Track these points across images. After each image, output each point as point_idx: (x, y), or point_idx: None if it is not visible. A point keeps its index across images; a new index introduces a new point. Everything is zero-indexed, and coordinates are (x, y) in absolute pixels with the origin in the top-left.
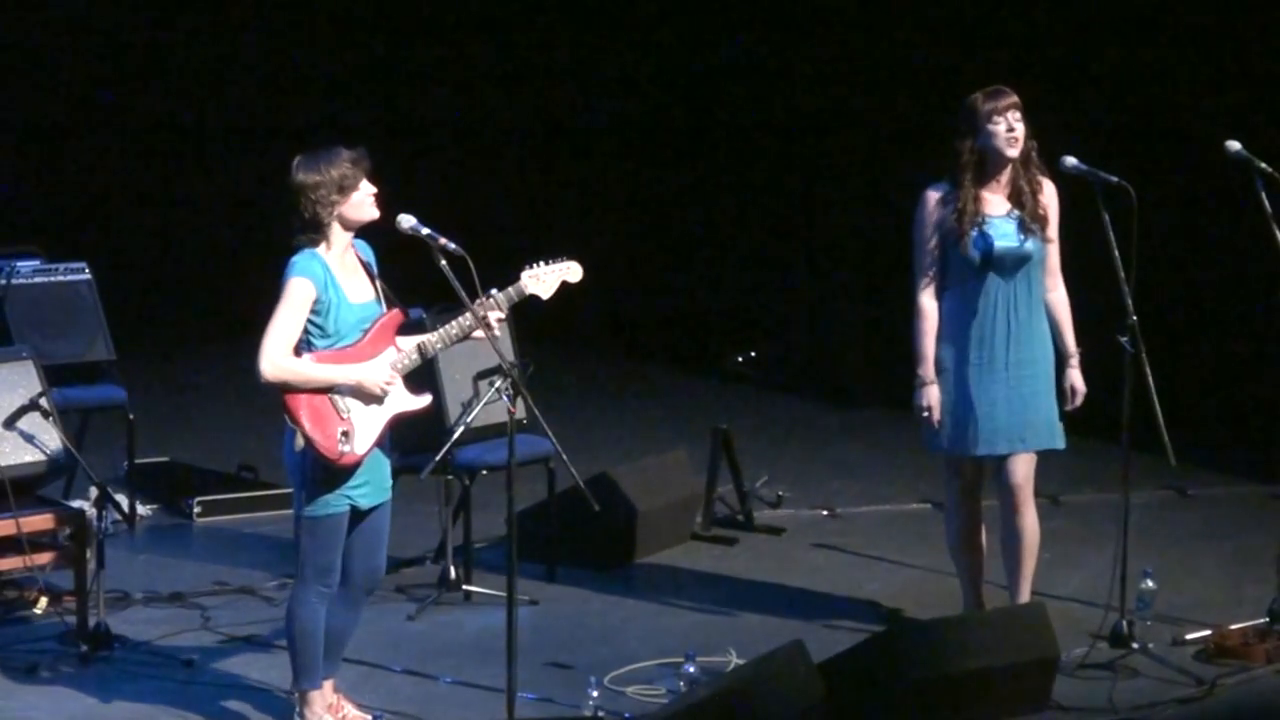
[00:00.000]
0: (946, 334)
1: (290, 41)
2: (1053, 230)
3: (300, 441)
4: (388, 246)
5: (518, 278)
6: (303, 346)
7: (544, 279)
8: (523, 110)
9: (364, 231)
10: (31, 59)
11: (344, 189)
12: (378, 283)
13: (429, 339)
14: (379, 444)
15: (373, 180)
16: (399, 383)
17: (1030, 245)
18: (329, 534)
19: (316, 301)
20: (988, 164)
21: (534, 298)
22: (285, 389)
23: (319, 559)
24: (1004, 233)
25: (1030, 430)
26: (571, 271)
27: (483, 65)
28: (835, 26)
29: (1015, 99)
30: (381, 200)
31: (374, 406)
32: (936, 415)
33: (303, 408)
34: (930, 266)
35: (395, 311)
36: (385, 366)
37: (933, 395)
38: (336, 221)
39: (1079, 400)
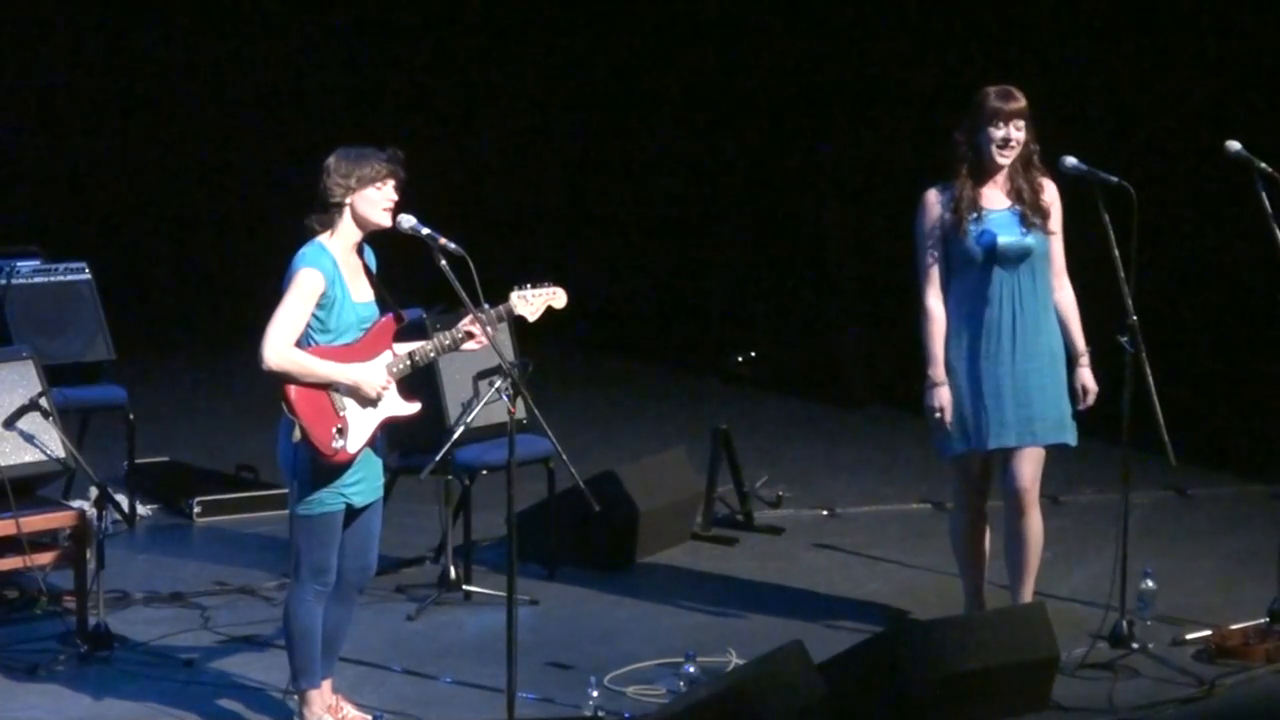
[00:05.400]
0: (952, 330)
1: (293, 45)
2: (1055, 224)
3: (298, 433)
4: (388, 247)
5: (506, 298)
6: (303, 340)
7: (531, 301)
8: (522, 107)
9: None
10: (32, 57)
11: (363, 179)
12: (377, 286)
13: (423, 347)
14: (370, 444)
15: (399, 189)
16: (393, 387)
17: (1032, 239)
18: (324, 533)
19: (323, 295)
20: (981, 162)
21: (520, 318)
22: (286, 380)
23: (315, 558)
24: (1005, 226)
25: (1040, 424)
26: (557, 297)
27: (484, 63)
28: (839, 24)
29: (1022, 105)
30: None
31: (369, 408)
32: (949, 416)
33: (302, 400)
34: (934, 266)
35: (392, 317)
36: (382, 369)
37: (944, 396)
38: (349, 211)
39: (1091, 399)
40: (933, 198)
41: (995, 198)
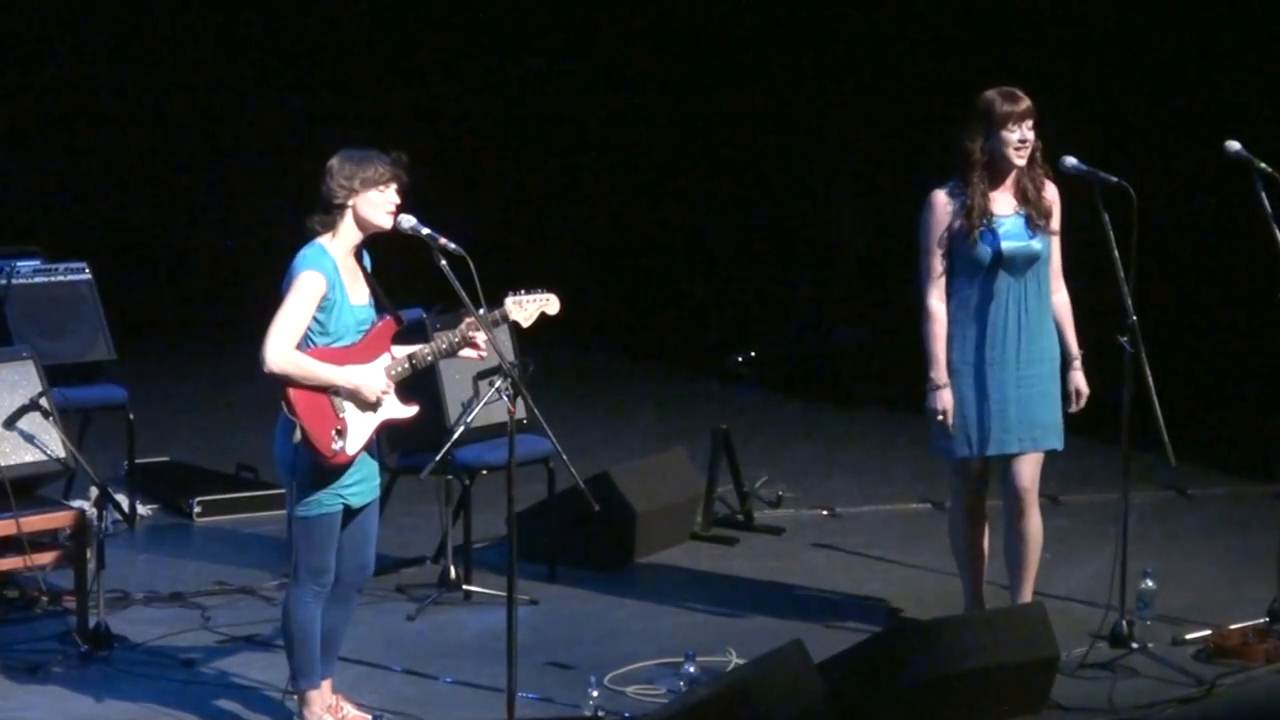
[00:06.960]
0: (956, 334)
1: (292, 43)
2: (1055, 225)
3: (298, 435)
4: (387, 247)
5: (501, 303)
6: (303, 343)
7: (526, 306)
8: (521, 107)
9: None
10: (32, 56)
11: (366, 182)
12: (375, 289)
13: (421, 351)
14: (368, 447)
15: (401, 193)
16: (392, 390)
17: (1038, 243)
18: (323, 534)
19: (323, 298)
20: (995, 166)
21: (514, 323)
22: (287, 382)
23: (313, 559)
24: (1013, 231)
25: (1040, 429)
26: (550, 304)
27: (483, 60)
28: (837, 24)
29: (1029, 105)
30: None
31: (368, 410)
32: (951, 419)
33: (302, 402)
34: (938, 268)
35: (391, 319)
36: (381, 373)
37: (946, 399)
38: (350, 213)
39: (1083, 402)
40: (941, 200)
41: (1004, 202)
